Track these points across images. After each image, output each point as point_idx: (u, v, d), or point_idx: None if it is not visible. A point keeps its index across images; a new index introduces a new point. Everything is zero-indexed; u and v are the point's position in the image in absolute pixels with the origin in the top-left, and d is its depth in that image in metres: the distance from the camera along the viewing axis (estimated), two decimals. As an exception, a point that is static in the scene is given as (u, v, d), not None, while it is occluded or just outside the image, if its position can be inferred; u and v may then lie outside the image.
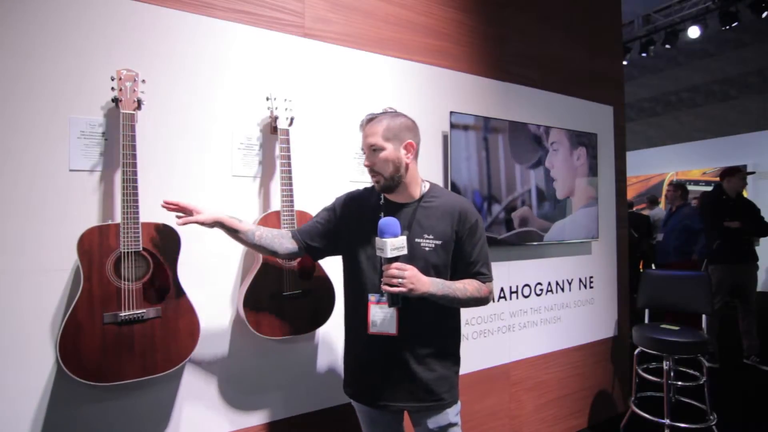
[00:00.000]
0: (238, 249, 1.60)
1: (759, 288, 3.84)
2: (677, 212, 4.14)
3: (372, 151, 1.27)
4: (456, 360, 1.37)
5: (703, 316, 2.64)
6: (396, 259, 1.18)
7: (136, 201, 1.26)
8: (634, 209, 6.34)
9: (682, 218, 4.05)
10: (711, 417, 2.42)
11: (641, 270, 4.75)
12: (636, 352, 2.58)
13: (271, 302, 1.49)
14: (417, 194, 1.32)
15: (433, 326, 1.30)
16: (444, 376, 1.31)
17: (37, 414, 1.28)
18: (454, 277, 1.30)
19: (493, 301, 2.23)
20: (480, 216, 1.34)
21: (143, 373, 1.28)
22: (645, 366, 2.80)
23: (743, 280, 3.64)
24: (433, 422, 1.30)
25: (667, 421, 2.35)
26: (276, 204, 1.65)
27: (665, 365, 2.42)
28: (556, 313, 2.52)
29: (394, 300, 1.21)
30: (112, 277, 1.25)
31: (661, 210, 5.87)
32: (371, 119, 1.28)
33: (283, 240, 1.38)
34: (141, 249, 1.28)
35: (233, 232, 1.33)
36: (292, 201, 1.52)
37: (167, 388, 1.46)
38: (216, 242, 1.55)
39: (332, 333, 1.79)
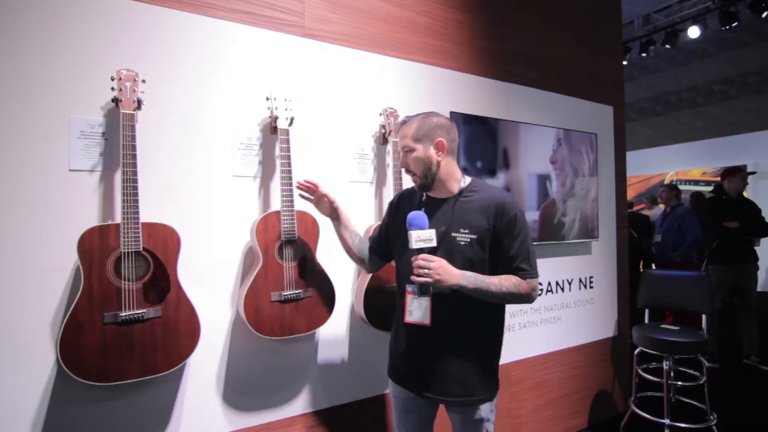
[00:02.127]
0: (238, 249, 1.60)
1: (759, 288, 3.84)
2: (672, 212, 4.16)
3: (405, 152, 1.34)
4: (494, 355, 1.37)
5: (703, 316, 2.65)
6: (423, 250, 1.22)
7: (136, 201, 1.26)
8: (634, 209, 6.34)
9: (677, 218, 4.06)
10: (711, 417, 2.42)
11: (641, 270, 4.75)
12: (636, 352, 2.58)
13: (272, 302, 1.49)
14: (455, 189, 1.35)
15: (469, 320, 1.31)
16: (479, 372, 1.31)
17: (37, 414, 1.28)
18: (495, 271, 1.29)
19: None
20: (521, 210, 1.31)
21: (143, 373, 1.28)
22: (645, 366, 2.81)
23: (743, 281, 3.63)
24: (466, 416, 1.33)
25: (667, 421, 2.35)
26: (276, 204, 1.65)
27: (665, 365, 2.42)
28: (556, 313, 2.52)
29: (423, 290, 1.24)
30: (112, 277, 1.25)
31: (660, 210, 5.87)
32: (404, 123, 1.36)
33: (367, 252, 1.53)
34: (141, 249, 1.28)
35: (342, 227, 1.50)
36: (292, 201, 1.52)
37: (167, 388, 1.46)
38: (216, 243, 1.55)
39: (332, 333, 1.79)
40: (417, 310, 1.31)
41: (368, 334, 1.86)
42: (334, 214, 1.50)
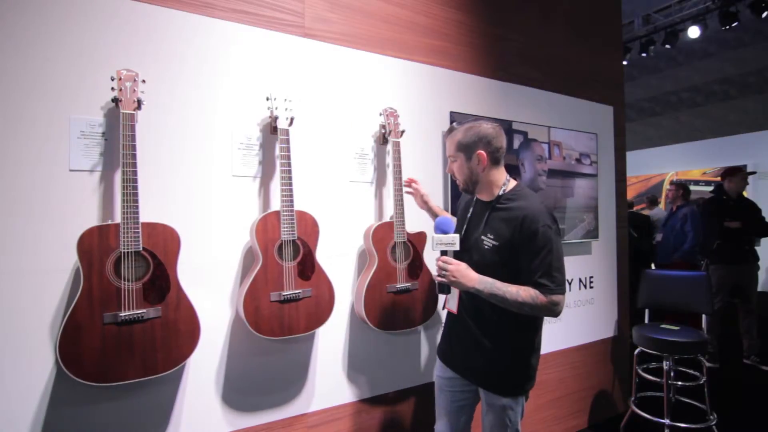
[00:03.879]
0: (238, 249, 1.60)
1: (759, 288, 3.84)
2: (676, 213, 4.14)
3: (450, 161, 1.46)
4: (521, 351, 1.40)
5: (704, 316, 2.64)
6: (446, 253, 1.35)
7: (136, 201, 1.26)
8: (634, 209, 6.34)
9: (680, 218, 4.05)
10: (711, 417, 2.42)
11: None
12: (636, 352, 2.58)
13: (271, 302, 1.49)
14: (496, 195, 1.42)
15: (491, 318, 1.38)
16: (499, 367, 1.39)
17: (37, 414, 1.28)
18: (519, 281, 1.31)
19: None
20: (549, 226, 1.30)
21: (143, 374, 1.28)
22: (645, 366, 2.81)
23: (744, 280, 3.64)
24: (490, 400, 1.42)
25: (667, 421, 2.35)
26: (276, 204, 1.65)
27: (665, 365, 2.42)
28: (556, 313, 2.51)
29: (441, 288, 1.37)
30: (112, 277, 1.25)
31: (660, 210, 5.87)
32: (451, 131, 1.44)
33: None
34: (141, 249, 1.28)
35: (434, 216, 1.72)
36: (292, 201, 1.52)
37: (167, 388, 1.46)
38: (216, 242, 1.55)
39: (332, 332, 1.79)
40: (452, 299, 1.48)
41: (368, 334, 1.86)
42: (425, 206, 1.78)
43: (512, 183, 1.43)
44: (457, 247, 1.34)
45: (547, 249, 1.29)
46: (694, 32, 6.51)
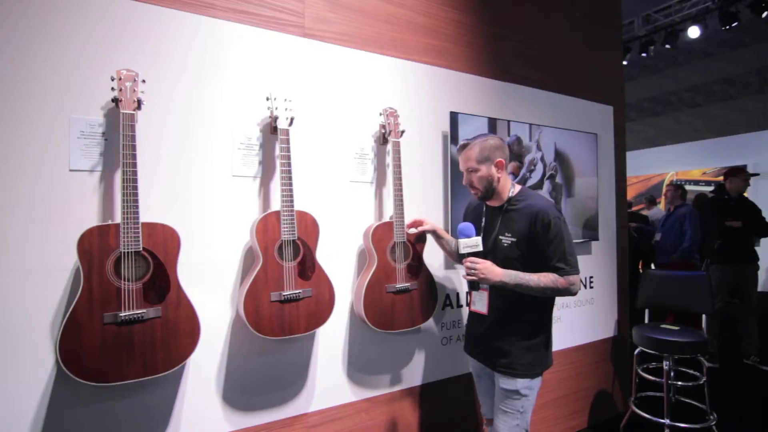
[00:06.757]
0: (238, 249, 1.60)
1: (759, 288, 3.84)
2: (675, 212, 4.15)
3: (469, 172, 1.56)
4: (535, 341, 1.54)
5: (704, 316, 2.64)
6: (472, 254, 1.49)
7: (136, 201, 1.26)
8: (633, 209, 6.35)
9: (679, 218, 4.06)
10: (711, 417, 2.42)
11: (640, 270, 4.76)
12: (636, 352, 2.58)
13: (271, 302, 1.49)
14: (506, 198, 1.57)
15: (517, 308, 1.53)
16: (520, 351, 1.52)
17: (37, 414, 1.28)
18: (538, 269, 1.48)
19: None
20: (558, 217, 1.48)
21: (143, 374, 1.28)
22: (645, 366, 2.81)
23: (744, 281, 3.64)
24: (503, 384, 1.54)
25: (667, 421, 2.35)
26: (276, 204, 1.65)
27: (665, 365, 2.42)
28: (555, 313, 2.50)
29: (473, 285, 1.52)
30: (112, 277, 1.25)
31: (659, 210, 5.87)
32: (465, 146, 1.56)
33: None
34: (141, 249, 1.28)
35: (440, 239, 1.83)
36: (292, 201, 1.52)
37: (167, 388, 1.46)
38: (216, 242, 1.55)
39: (332, 332, 1.79)
40: (479, 301, 1.61)
41: (368, 334, 1.86)
42: (433, 234, 1.83)
43: (517, 187, 1.59)
44: (480, 248, 1.50)
45: (560, 237, 1.46)
46: (694, 32, 6.51)
